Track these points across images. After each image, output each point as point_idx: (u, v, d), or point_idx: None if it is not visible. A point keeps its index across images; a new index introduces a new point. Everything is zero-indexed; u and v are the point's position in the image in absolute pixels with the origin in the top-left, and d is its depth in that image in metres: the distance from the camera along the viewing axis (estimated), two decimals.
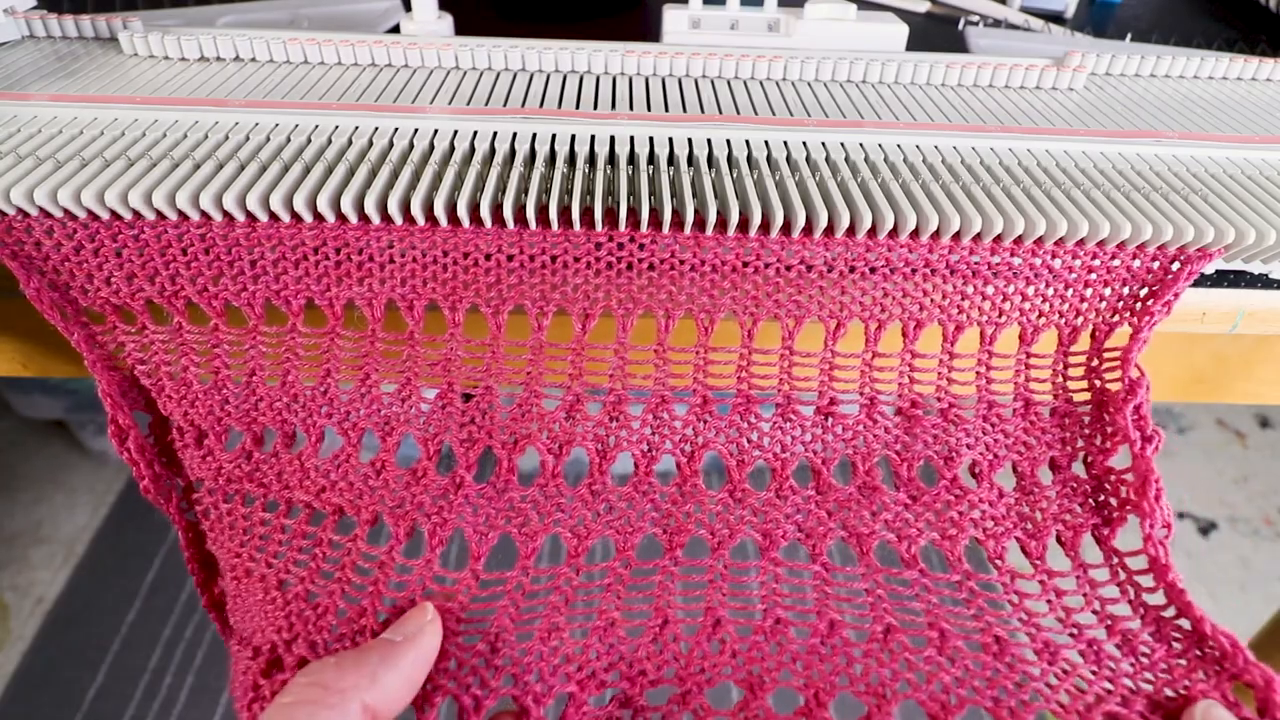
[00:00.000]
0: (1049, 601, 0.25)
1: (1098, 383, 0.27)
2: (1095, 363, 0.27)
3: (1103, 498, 0.26)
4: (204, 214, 0.23)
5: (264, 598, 0.26)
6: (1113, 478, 0.26)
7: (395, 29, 0.38)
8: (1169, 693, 0.23)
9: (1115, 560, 0.25)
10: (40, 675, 0.93)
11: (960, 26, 0.45)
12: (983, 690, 0.23)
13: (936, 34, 0.45)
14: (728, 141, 0.27)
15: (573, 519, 0.26)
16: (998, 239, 0.24)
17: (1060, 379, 0.27)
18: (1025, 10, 0.47)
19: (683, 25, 0.36)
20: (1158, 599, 0.24)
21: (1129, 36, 0.42)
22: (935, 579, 0.25)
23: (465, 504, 0.26)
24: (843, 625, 0.25)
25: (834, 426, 0.27)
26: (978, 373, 0.27)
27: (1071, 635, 0.24)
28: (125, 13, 0.36)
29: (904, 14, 0.46)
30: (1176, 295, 0.25)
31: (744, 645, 0.25)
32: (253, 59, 0.33)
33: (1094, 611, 0.25)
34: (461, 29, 0.37)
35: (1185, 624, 0.24)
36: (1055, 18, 0.47)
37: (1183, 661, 0.23)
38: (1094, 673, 0.23)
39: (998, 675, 0.23)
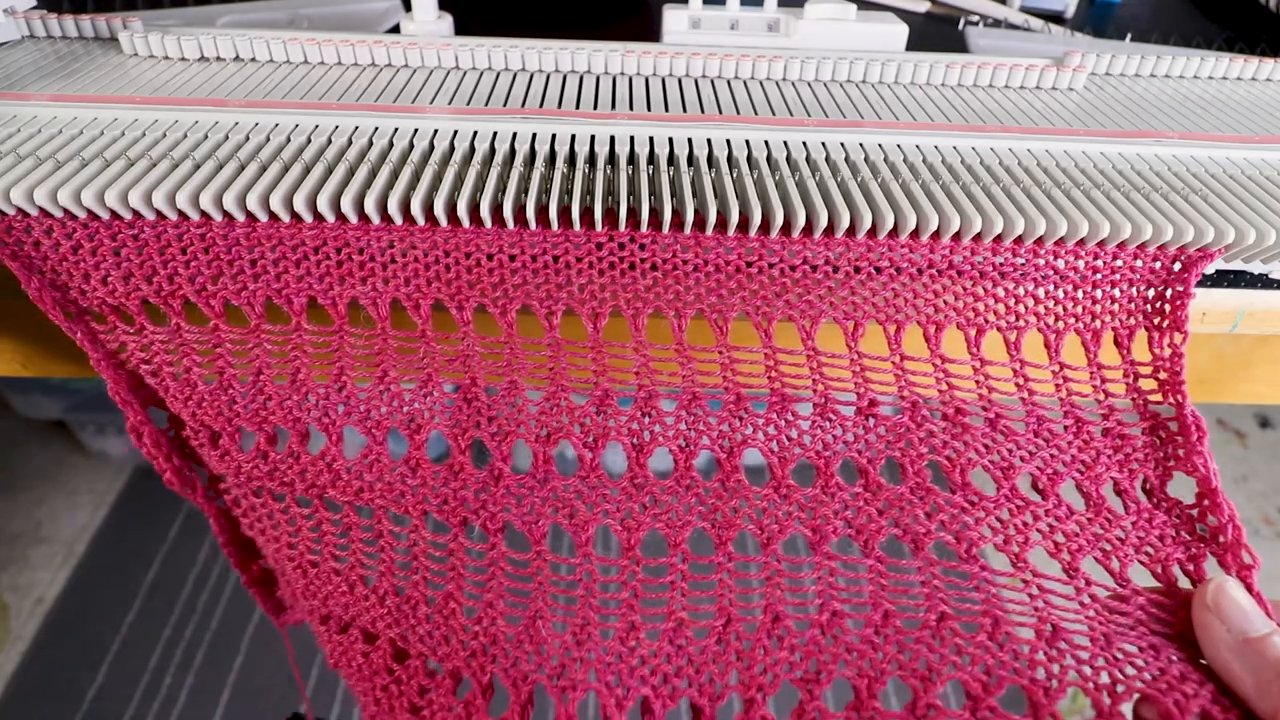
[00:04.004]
0: (1126, 613, 0.24)
1: (1145, 404, 0.27)
2: (1135, 380, 0.26)
3: (1184, 534, 0.26)
4: (204, 214, 0.23)
5: (351, 591, 0.26)
6: (1197, 514, 0.26)
7: (395, 29, 0.38)
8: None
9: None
10: (40, 675, 0.93)
11: (960, 26, 0.45)
12: (1023, 671, 0.23)
13: (936, 34, 0.45)
14: (728, 141, 0.27)
15: (620, 511, 0.26)
16: (998, 239, 0.24)
17: (1103, 395, 0.27)
18: (1025, 10, 0.47)
19: (683, 25, 0.36)
20: None
21: (1129, 36, 0.42)
22: (996, 574, 0.25)
23: (508, 495, 0.26)
24: (896, 615, 0.25)
25: (876, 428, 0.27)
26: (1017, 384, 0.27)
27: (1137, 635, 0.23)
28: (125, 13, 0.36)
29: (904, 14, 0.46)
30: (1190, 294, 0.25)
31: (802, 640, 0.25)
32: (253, 59, 0.33)
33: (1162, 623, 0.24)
34: (461, 29, 0.37)
35: None
36: (1055, 18, 0.47)
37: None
38: (1143, 663, 0.23)
39: (1043, 657, 0.23)
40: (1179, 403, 0.26)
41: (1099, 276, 0.25)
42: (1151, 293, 0.25)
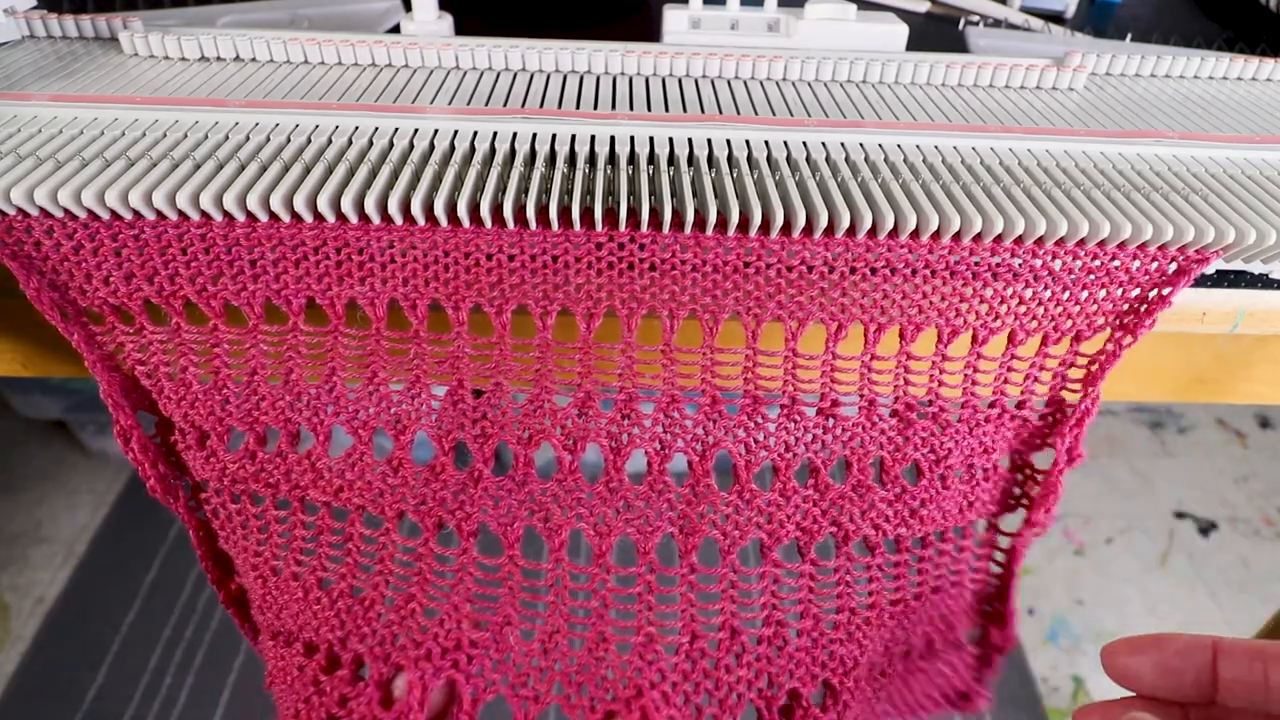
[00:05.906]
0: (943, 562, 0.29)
1: (1062, 391, 0.27)
2: (1064, 368, 0.27)
3: (1014, 491, 0.29)
4: (204, 214, 0.23)
5: (305, 597, 0.26)
6: (1025, 475, 0.29)
7: (395, 29, 0.38)
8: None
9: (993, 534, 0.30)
10: (40, 675, 0.93)
11: (960, 26, 0.45)
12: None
13: (936, 34, 0.45)
14: (728, 141, 0.27)
15: (594, 515, 0.26)
16: (998, 239, 0.24)
17: (1032, 381, 0.27)
18: (1025, 10, 0.47)
19: (683, 25, 0.36)
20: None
21: (1129, 36, 0.42)
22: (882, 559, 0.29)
23: (486, 497, 0.26)
24: (822, 618, 0.28)
25: (834, 428, 0.27)
26: (965, 375, 0.27)
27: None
28: (125, 13, 0.36)
29: (904, 14, 0.46)
30: (1167, 302, 0.25)
31: (755, 655, 0.25)
32: (253, 59, 0.33)
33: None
34: (461, 29, 0.37)
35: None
36: (1055, 18, 0.47)
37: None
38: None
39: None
40: (1088, 392, 0.27)
41: (1093, 278, 0.25)
42: (1136, 293, 0.26)
